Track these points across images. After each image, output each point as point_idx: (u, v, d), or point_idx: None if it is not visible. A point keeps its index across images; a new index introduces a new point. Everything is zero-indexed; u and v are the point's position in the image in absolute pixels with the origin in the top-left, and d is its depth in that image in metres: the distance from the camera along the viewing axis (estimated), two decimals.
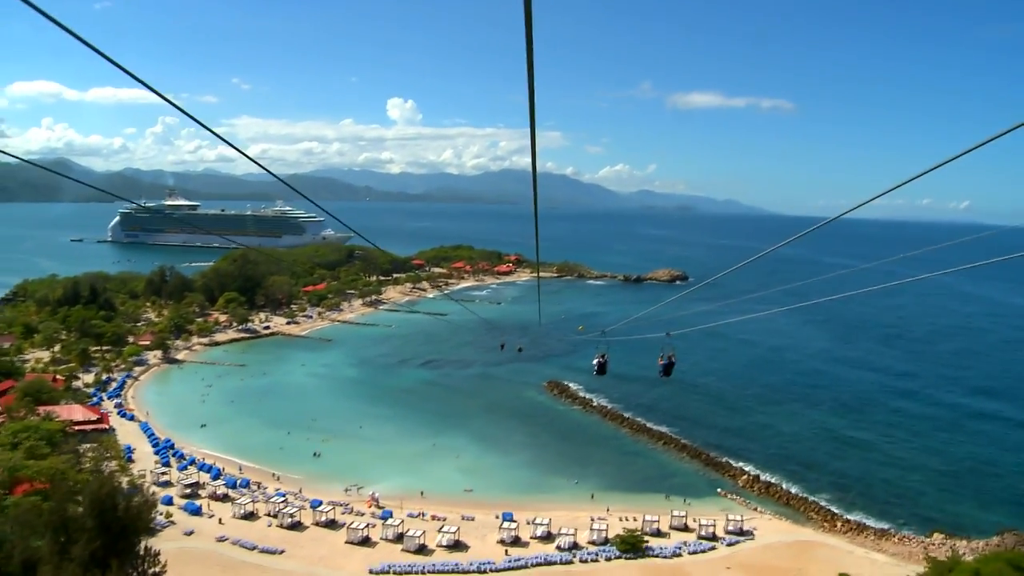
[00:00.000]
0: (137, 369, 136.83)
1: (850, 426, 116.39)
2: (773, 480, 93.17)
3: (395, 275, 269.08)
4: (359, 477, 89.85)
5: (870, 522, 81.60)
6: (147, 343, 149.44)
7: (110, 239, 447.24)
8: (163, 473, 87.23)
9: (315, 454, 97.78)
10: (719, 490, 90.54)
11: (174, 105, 12.04)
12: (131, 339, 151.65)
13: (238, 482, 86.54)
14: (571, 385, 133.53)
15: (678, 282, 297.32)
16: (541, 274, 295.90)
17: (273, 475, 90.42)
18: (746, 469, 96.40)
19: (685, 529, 77.36)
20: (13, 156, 16.60)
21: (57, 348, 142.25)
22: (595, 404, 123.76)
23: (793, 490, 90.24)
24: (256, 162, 16.25)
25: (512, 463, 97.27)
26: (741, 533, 76.32)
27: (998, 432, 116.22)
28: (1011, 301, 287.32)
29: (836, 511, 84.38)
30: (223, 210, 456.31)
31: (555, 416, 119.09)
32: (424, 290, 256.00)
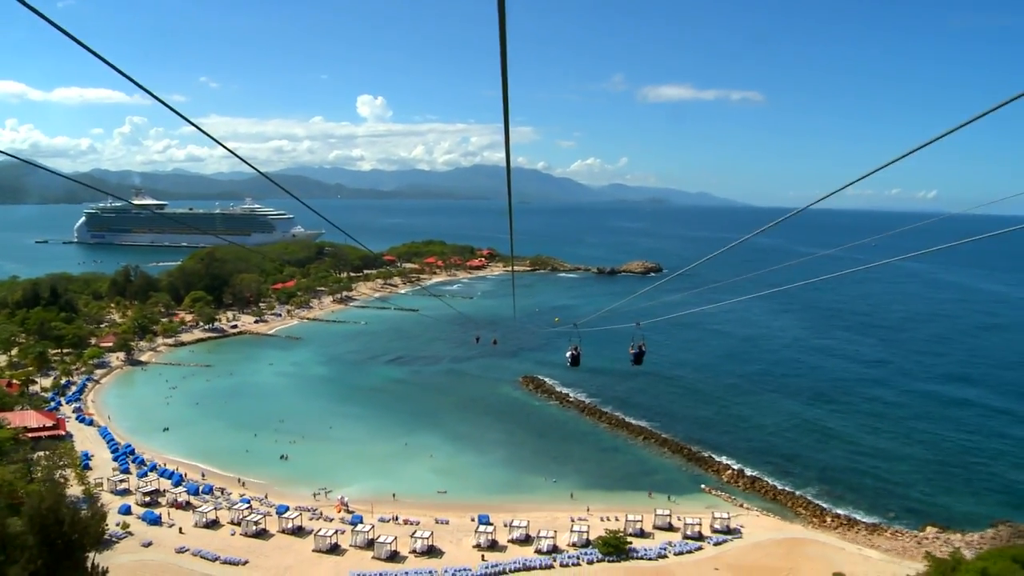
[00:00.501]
0: (98, 372, 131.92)
1: (831, 416, 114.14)
2: (758, 475, 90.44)
3: (366, 271, 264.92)
4: (328, 480, 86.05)
5: (860, 516, 79.20)
6: (109, 345, 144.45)
7: (76, 240, 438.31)
8: (122, 480, 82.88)
9: (282, 457, 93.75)
10: (703, 486, 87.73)
11: (172, 108, 11.95)
12: (93, 341, 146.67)
13: (200, 488, 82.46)
14: (547, 380, 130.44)
15: (652, 274, 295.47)
16: (515, 269, 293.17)
17: (238, 480, 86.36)
18: (729, 464, 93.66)
19: (670, 528, 74.34)
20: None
21: (14, 352, 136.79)
22: (572, 399, 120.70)
23: (779, 485, 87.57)
24: (241, 157, 15.86)
25: (487, 462, 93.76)
26: (728, 531, 73.43)
27: (979, 419, 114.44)
28: (980, 287, 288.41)
29: (824, 506, 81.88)
30: (191, 209, 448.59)
31: (531, 412, 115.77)
32: (395, 286, 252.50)
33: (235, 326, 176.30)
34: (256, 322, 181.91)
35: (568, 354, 43.02)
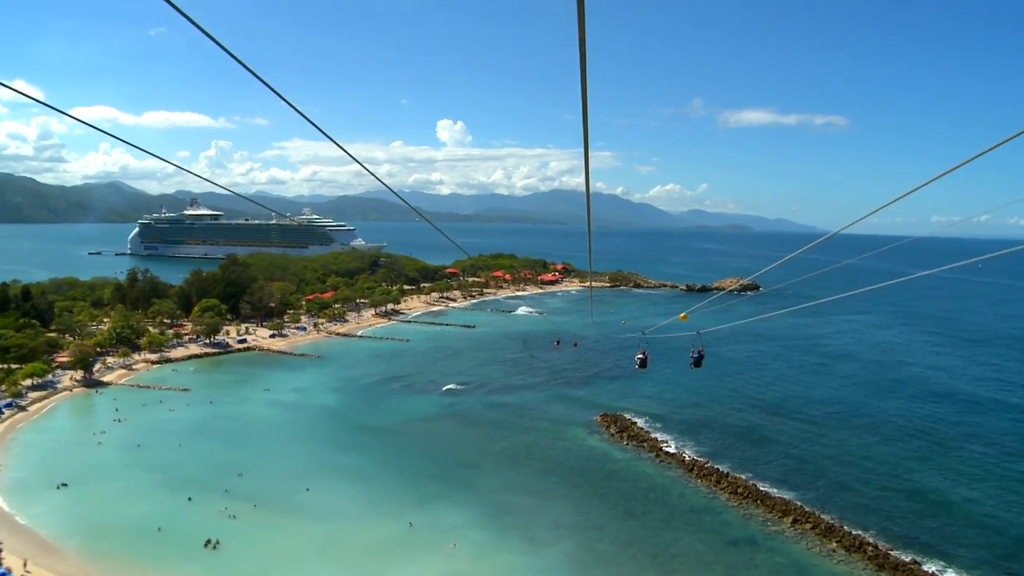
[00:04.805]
0: (34, 395, 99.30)
1: None
2: None
3: (422, 284, 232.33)
4: None
5: None
6: (65, 360, 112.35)
7: (129, 252, 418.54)
8: None
9: (208, 543, 57.83)
10: None
11: (324, 133, 12.45)
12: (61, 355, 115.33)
13: None
14: (636, 421, 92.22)
15: (748, 292, 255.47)
16: (593, 284, 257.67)
17: None
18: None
19: None
20: None
21: None
22: (672, 451, 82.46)
23: None
24: (367, 168, 15.63)
25: (541, 565, 55.67)
26: None
27: None
28: None
29: None
30: (246, 219, 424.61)
31: (613, 471, 77.42)
32: (453, 300, 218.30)
33: (243, 340, 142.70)
34: (273, 336, 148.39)
35: (637, 357, 43.41)
